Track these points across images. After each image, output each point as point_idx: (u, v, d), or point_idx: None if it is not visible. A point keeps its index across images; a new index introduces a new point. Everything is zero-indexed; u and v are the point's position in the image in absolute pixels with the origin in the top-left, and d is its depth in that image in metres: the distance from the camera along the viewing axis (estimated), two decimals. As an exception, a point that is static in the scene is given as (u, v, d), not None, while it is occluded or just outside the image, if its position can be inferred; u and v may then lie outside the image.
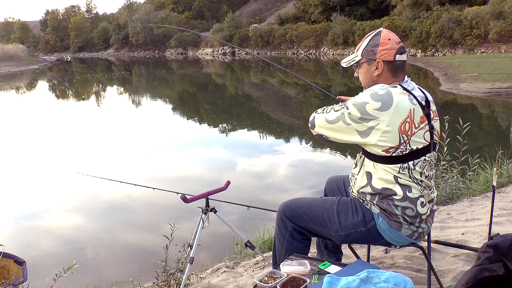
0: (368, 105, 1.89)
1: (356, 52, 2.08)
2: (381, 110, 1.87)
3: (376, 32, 2.04)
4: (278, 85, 23.59)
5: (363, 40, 2.07)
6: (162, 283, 2.77)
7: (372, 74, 2.02)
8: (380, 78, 2.01)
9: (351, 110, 1.92)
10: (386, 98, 1.89)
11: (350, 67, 2.13)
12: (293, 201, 2.20)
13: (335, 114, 1.98)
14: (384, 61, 1.98)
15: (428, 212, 2.01)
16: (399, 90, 1.94)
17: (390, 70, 2.00)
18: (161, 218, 5.08)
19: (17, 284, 2.54)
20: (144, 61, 49.52)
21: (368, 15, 43.00)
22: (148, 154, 8.68)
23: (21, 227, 5.28)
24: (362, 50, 2.04)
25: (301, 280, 1.68)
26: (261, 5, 64.87)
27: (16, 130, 11.69)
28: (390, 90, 1.93)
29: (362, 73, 2.06)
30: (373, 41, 2.01)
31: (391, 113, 1.87)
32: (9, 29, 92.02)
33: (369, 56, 2.01)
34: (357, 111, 1.90)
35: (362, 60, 2.04)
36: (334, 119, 1.98)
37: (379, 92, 1.92)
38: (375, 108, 1.88)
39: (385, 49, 1.98)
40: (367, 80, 2.05)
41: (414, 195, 1.95)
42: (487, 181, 4.25)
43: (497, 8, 28.34)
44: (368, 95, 1.92)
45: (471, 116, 10.87)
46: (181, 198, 2.52)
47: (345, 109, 1.95)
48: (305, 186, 6.32)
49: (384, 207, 1.97)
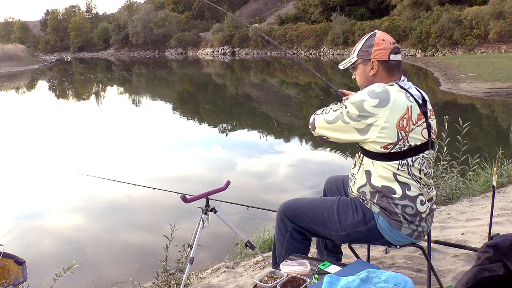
0: (365, 102, 1.91)
1: (352, 54, 2.13)
2: (378, 107, 1.90)
3: (371, 34, 2.09)
4: (278, 85, 23.60)
5: (358, 42, 2.12)
6: (162, 283, 2.77)
7: (368, 74, 2.05)
8: (375, 78, 2.04)
9: (349, 109, 1.95)
10: (383, 95, 1.92)
11: (347, 69, 2.17)
12: (293, 201, 2.20)
13: (334, 114, 2.01)
14: (379, 60, 2.02)
15: (427, 210, 2.02)
16: (396, 88, 1.98)
17: (385, 69, 2.03)
18: (161, 218, 5.08)
19: (17, 284, 2.54)
20: (144, 61, 49.51)
21: (368, 15, 42.98)
22: (148, 154, 8.68)
23: (21, 227, 5.27)
24: (358, 51, 2.09)
25: (301, 280, 1.68)
26: (261, 5, 64.84)
27: (16, 130, 11.69)
28: (387, 88, 1.96)
29: (358, 74, 2.11)
30: (368, 42, 2.06)
31: (389, 109, 1.90)
32: (9, 29, 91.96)
33: (364, 57, 2.05)
34: (355, 109, 1.93)
35: (358, 61, 2.09)
36: (333, 119, 2.01)
37: (376, 90, 1.94)
38: (372, 105, 1.90)
39: (379, 49, 2.02)
40: (363, 80, 2.08)
41: (413, 193, 1.96)
42: (487, 181, 4.25)
43: (497, 8, 28.32)
44: (366, 93, 1.95)
45: (471, 116, 10.87)
46: (181, 198, 2.52)
47: (344, 108, 1.98)
48: (305, 186, 6.32)
49: (384, 206, 1.98)
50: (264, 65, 36.89)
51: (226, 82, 26.90)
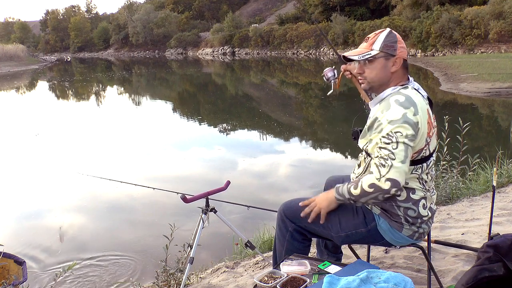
0: (406, 114, 1.82)
1: (369, 46, 1.97)
2: (416, 114, 1.85)
3: (387, 30, 1.99)
4: (278, 85, 23.59)
5: (375, 36, 1.98)
6: (162, 283, 2.77)
7: (389, 70, 1.96)
8: (394, 75, 1.97)
9: (403, 132, 1.81)
10: (411, 102, 1.86)
11: (359, 60, 2.01)
12: (293, 201, 2.19)
13: (401, 151, 1.80)
14: (402, 58, 1.97)
15: (429, 213, 2.01)
16: (414, 92, 1.93)
17: (403, 68, 1.99)
18: (161, 218, 5.08)
19: (17, 284, 2.54)
20: (144, 61, 49.49)
21: (368, 15, 42.96)
22: (149, 154, 8.68)
23: (21, 227, 5.27)
24: (381, 45, 1.95)
25: (301, 280, 1.68)
26: (261, 5, 64.85)
27: (16, 130, 11.69)
28: (405, 93, 1.90)
29: (375, 69, 1.96)
30: (390, 37, 1.96)
31: (421, 114, 1.86)
32: (9, 29, 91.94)
33: (389, 51, 1.95)
34: (408, 127, 1.81)
35: (379, 55, 1.95)
36: (403, 155, 1.81)
37: (399, 99, 1.86)
38: (413, 114, 1.84)
39: (402, 47, 1.98)
40: (381, 76, 1.97)
41: (416, 197, 1.95)
42: (487, 181, 4.25)
43: (497, 8, 28.31)
44: (397, 106, 1.84)
45: (471, 116, 10.86)
46: (181, 198, 2.52)
47: (397, 137, 1.81)
48: (305, 186, 6.32)
49: (386, 208, 1.97)
50: (264, 65, 36.88)
51: (226, 82, 26.90)
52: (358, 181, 1.90)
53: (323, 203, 2.04)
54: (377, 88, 2.01)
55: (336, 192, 1.99)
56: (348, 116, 12.10)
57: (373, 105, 2.03)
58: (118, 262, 4.24)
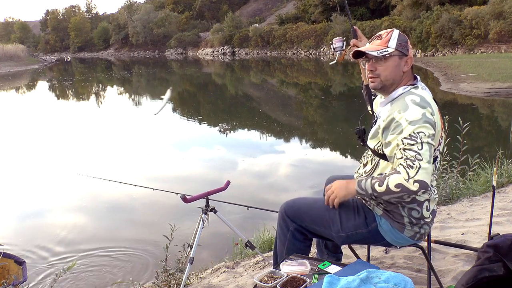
0: (425, 114, 1.83)
1: (385, 43, 1.95)
2: (433, 114, 1.87)
3: (397, 30, 2.00)
4: (278, 85, 23.59)
5: (388, 34, 1.98)
6: (162, 283, 2.77)
7: (402, 69, 1.97)
8: (405, 74, 1.99)
9: (426, 132, 1.80)
10: (426, 102, 1.88)
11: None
12: (295, 201, 2.20)
13: (426, 152, 1.78)
14: (412, 59, 2.00)
15: (431, 215, 2.01)
16: (425, 91, 1.96)
17: (412, 68, 2.02)
18: (161, 218, 5.08)
19: (17, 284, 2.54)
20: (144, 61, 49.49)
21: (368, 15, 42.96)
22: (149, 154, 8.68)
23: (21, 227, 5.27)
24: (396, 43, 1.94)
25: (301, 280, 1.68)
26: (261, 5, 64.84)
27: (16, 130, 11.68)
28: (418, 93, 1.92)
29: (389, 66, 1.95)
30: (402, 37, 1.97)
31: (436, 114, 1.89)
32: (9, 29, 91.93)
33: (403, 51, 1.96)
34: (430, 127, 1.82)
35: (394, 53, 1.94)
36: (429, 154, 1.79)
37: (415, 99, 1.87)
38: (431, 113, 1.86)
39: (411, 48, 2.01)
40: (394, 74, 1.96)
41: (422, 198, 1.96)
42: (487, 181, 4.25)
43: (497, 8, 28.30)
44: (415, 106, 1.84)
45: (471, 116, 10.86)
46: (181, 198, 2.52)
47: (421, 138, 1.79)
48: (306, 186, 6.31)
49: (389, 208, 1.97)
50: (264, 65, 36.87)
51: (226, 82, 26.89)
52: (384, 178, 1.83)
53: (341, 192, 1.98)
54: (389, 87, 1.99)
55: (358, 186, 1.91)
56: (348, 116, 12.10)
57: (383, 104, 2.02)
58: (118, 262, 4.24)
